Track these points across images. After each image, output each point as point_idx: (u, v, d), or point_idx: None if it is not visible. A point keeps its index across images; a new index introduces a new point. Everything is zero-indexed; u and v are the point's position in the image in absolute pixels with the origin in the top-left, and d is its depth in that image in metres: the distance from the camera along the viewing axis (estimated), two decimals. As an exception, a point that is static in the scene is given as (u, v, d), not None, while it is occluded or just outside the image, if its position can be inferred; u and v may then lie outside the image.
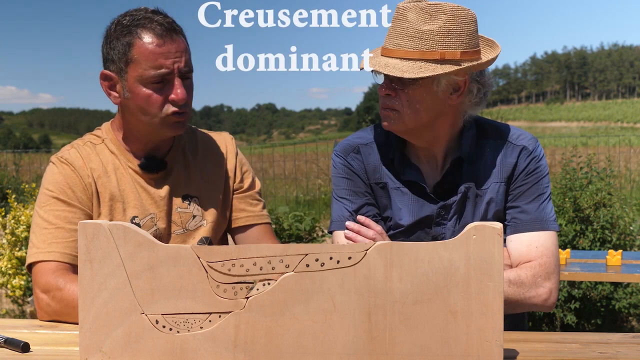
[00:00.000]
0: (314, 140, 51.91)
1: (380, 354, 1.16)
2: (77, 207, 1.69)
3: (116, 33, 1.66)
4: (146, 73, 1.63)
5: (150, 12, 1.67)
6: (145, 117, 1.68)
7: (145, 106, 1.66)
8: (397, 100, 1.67)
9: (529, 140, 1.76)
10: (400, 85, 1.65)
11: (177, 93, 1.65)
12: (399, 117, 1.68)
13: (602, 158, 6.48)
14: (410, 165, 1.78)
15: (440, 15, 1.60)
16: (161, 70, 1.63)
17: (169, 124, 1.68)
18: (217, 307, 1.18)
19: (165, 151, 1.80)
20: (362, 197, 1.80)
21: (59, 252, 1.63)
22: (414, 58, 1.61)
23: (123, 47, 1.65)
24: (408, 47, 1.61)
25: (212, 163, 1.87)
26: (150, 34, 1.63)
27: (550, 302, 1.65)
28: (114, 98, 1.72)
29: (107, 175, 1.74)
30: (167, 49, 1.63)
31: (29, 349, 1.32)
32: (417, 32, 1.60)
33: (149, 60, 1.62)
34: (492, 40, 1.75)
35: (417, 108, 1.67)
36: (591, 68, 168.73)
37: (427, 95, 1.66)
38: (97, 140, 1.79)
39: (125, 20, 1.66)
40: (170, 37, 1.64)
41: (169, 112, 1.67)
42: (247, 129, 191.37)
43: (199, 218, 1.81)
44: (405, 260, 1.14)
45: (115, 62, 1.67)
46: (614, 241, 4.58)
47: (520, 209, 1.72)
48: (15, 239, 4.69)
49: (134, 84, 1.65)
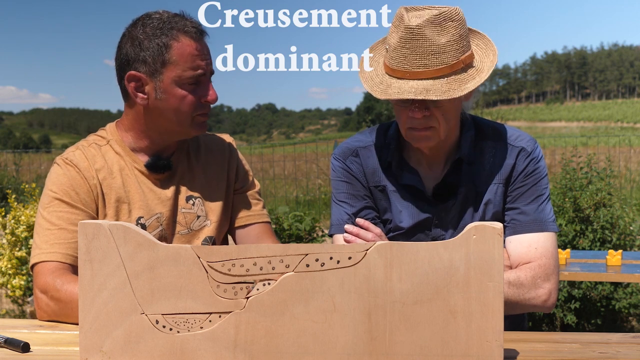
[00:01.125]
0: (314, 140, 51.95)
1: (380, 354, 1.16)
2: (80, 208, 1.69)
3: (146, 34, 1.67)
4: (185, 74, 1.67)
5: (176, 15, 1.71)
6: (177, 117, 1.71)
7: (180, 106, 1.69)
8: (432, 119, 1.65)
9: (528, 141, 1.76)
10: (435, 104, 1.62)
11: (210, 94, 1.71)
12: (435, 132, 1.67)
13: (602, 158, 6.48)
14: (408, 169, 1.78)
15: (449, 23, 1.58)
16: (198, 71, 1.68)
17: (197, 123, 1.74)
18: (217, 307, 1.18)
19: (171, 152, 1.82)
20: (361, 201, 1.80)
21: (61, 253, 1.63)
22: (445, 74, 1.59)
23: (159, 49, 1.65)
24: (437, 65, 1.58)
25: (214, 164, 1.88)
26: (188, 36, 1.67)
27: (550, 303, 1.65)
28: (140, 99, 1.71)
29: (112, 176, 1.74)
30: (202, 51, 1.69)
31: (29, 349, 1.32)
32: (439, 47, 1.57)
33: (188, 61, 1.66)
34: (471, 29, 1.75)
35: (449, 119, 1.67)
36: (591, 68, 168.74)
37: (456, 106, 1.68)
38: (102, 141, 1.79)
39: (152, 23, 1.67)
40: (203, 38, 1.71)
41: (198, 113, 1.72)
42: (247, 129, 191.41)
43: (203, 218, 1.82)
44: (405, 260, 1.14)
45: (149, 64, 1.67)
46: (614, 241, 4.58)
47: (520, 210, 1.72)
48: (15, 239, 4.69)
49: (169, 85, 1.67)
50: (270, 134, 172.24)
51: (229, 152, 1.92)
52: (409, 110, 1.64)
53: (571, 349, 1.32)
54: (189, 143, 1.87)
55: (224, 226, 1.88)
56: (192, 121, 1.72)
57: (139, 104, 1.72)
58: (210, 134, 1.94)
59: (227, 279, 1.17)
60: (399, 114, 1.69)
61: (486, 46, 1.70)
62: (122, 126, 1.80)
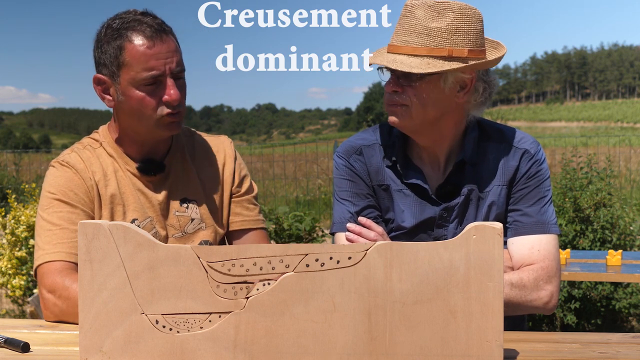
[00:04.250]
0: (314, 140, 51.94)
1: (380, 354, 1.16)
2: (79, 208, 1.69)
3: (107, 37, 1.66)
4: (138, 75, 1.63)
5: (140, 14, 1.67)
6: (140, 119, 1.69)
7: (140, 108, 1.66)
8: (404, 96, 1.66)
9: (531, 143, 1.76)
10: (408, 81, 1.65)
11: (170, 94, 1.65)
12: (407, 112, 1.67)
13: (602, 158, 6.47)
14: (412, 168, 1.78)
15: (449, 13, 1.60)
16: (153, 72, 1.63)
17: (164, 124, 1.69)
18: (217, 307, 1.18)
19: (163, 154, 1.80)
20: (364, 199, 1.79)
21: (65, 252, 1.63)
22: (422, 54, 1.61)
23: (114, 51, 1.65)
24: (416, 44, 1.61)
25: (211, 166, 1.86)
26: (140, 36, 1.63)
27: (551, 305, 1.66)
28: (108, 102, 1.72)
29: (107, 178, 1.74)
30: (157, 50, 1.64)
31: (29, 349, 1.32)
32: (425, 29, 1.60)
33: (140, 62, 1.63)
34: (497, 42, 1.75)
35: (424, 103, 1.66)
36: (591, 68, 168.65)
37: (434, 91, 1.66)
38: (96, 144, 1.80)
39: (115, 24, 1.66)
40: (160, 38, 1.65)
41: (164, 113, 1.67)
42: (247, 129, 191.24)
43: (197, 221, 1.80)
44: (405, 260, 1.14)
45: (108, 66, 1.67)
46: (614, 241, 4.58)
47: (522, 212, 1.72)
48: (15, 239, 4.69)
49: (127, 87, 1.66)
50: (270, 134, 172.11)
51: (226, 154, 1.89)
52: (386, 85, 1.70)
53: (571, 349, 1.32)
54: (184, 145, 1.85)
55: (221, 229, 1.86)
56: (158, 122, 1.68)
57: (109, 107, 1.73)
58: (208, 135, 1.93)
59: (227, 279, 1.17)
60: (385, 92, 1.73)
61: (495, 55, 1.70)
62: (111, 128, 1.81)
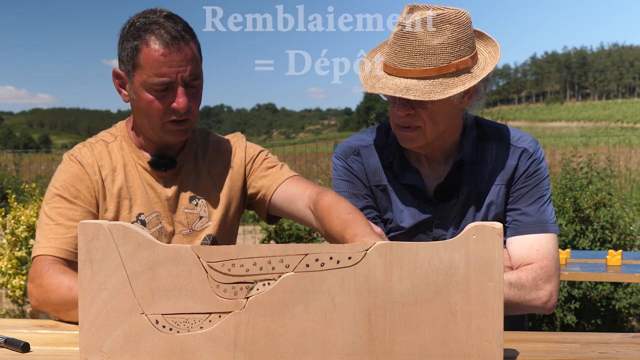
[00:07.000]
0: (314, 140, 51.93)
1: (380, 354, 1.16)
2: (78, 204, 1.71)
3: (128, 35, 1.67)
4: (149, 80, 1.64)
5: (163, 17, 1.66)
6: (147, 120, 1.71)
7: (148, 110, 1.68)
8: (417, 118, 1.64)
9: (530, 142, 1.76)
10: (420, 104, 1.62)
11: (178, 102, 1.65)
12: (421, 133, 1.66)
13: (602, 158, 6.47)
14: (410, 169, 1.78)
15: (446, 26, 1.58)
16: (163, 78, 1.63)
17: (169, 130, 1.70)
18: (217, 307, 1.18)
19: (177, 151, 1.82)
20: (362, 200, 1.79)
21: (55, 247, 1.66)
22: (432, 76, 1.58)
23: (131, 51, 1.66)
24: (424, 65, 1.58)
25: (222, 163, 1.86)
26: (158, 41, 1.62)
27: (551, 305, 1.65)
28: (123, 96, 1.74)
29: (115, 172, 1.76)
30: (171, 58, 1.62)
31: (29, 349, 1.32)
32: (430, 48, 1.57)
33: (153, 67, 1.63)
34: (480, 31, 1.74)
35: (437, 121, 1.66)
36: (591, 68, 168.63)
37: (445, 107, 1.65)
38: (110, 138, 1.82)
39: (138, 22, 1.66)
40: (177, 45, 1.63)
41: (170, 120, 1.68)
42: (247, 129, 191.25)
43: (205, 219, 1.81)
44: (405, 260, 1.14)
45: (125, 63, 1.69)
46: (614, 241, 4.58)
47: (521, 211, 1.72)
48: (15, 239, 4.69)
49: (138, 88, 1.67)
50: (270, 134, 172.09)
51: (237, 147, 1.88)
52: (395, 107, 1.66)
53: (571, 349, 1.32)
54: (199, 144, 1.86)
55: (227, 226, 1.86)
56: (164, 127, 1.69)
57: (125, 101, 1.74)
58: (222, 136, 1.93)
59: (227, 279, 1.17)
60: (390, 110, 1.71)
61: (493, 55, 1.70)
62: (129, 123, 1.84)
